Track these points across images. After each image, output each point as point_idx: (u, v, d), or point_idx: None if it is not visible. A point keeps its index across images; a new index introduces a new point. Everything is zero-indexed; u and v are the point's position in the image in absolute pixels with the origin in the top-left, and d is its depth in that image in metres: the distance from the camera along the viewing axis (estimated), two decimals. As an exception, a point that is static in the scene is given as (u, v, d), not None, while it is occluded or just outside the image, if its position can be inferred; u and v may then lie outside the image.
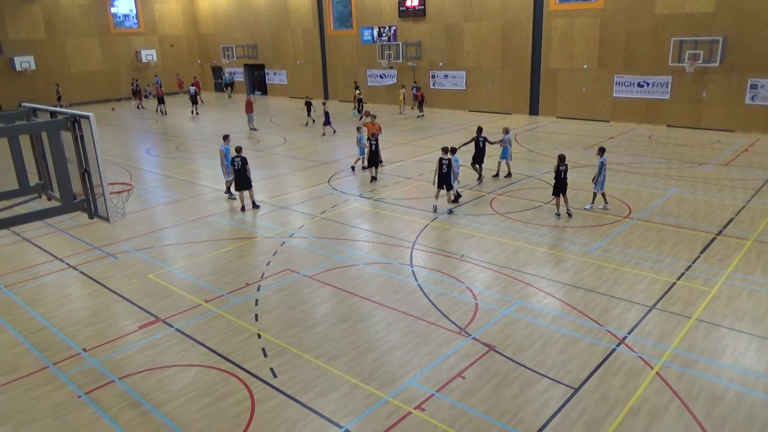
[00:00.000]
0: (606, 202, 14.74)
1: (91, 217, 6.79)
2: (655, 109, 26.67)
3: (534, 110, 30.72)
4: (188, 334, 9.34)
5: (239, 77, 46.62)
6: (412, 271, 11.46)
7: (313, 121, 30.01)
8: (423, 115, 31.51)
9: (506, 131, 17.41)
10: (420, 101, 31.89)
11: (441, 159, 14.53)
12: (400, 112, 32.99)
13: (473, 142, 17.44)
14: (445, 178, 14.54)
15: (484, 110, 32.48)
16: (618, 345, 8.60)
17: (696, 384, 7.62)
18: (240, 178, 15.36)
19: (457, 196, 15.83)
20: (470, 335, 8.97)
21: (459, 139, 24.83)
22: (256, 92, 45.94)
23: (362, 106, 32.27)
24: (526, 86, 30.57)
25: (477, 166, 17.55)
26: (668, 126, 26.31)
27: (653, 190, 16.45)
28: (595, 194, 14.57)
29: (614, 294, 10.20)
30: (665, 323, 9.18)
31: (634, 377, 7.80)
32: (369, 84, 37.45)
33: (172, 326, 9.62)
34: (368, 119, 21.03)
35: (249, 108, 28.90)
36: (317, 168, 20.49)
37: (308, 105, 30.48)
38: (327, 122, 27.14)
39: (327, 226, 14.29)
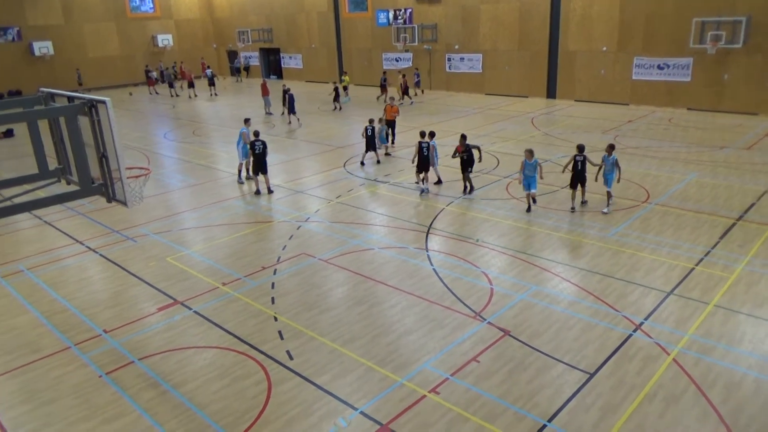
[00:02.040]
0: (610, 202, 13.50)
1: (109, 201, 6.87)
2: (675, 92, 26.18)
3: (551, 93, 30.32)
4: (206, 317, 9.46)
5: (254, 61, 46.60)
6: (428, 256, 11.46)
7: (272, 114, 28.57)
8: (413, 102, 30.52)
9: (531, 153, 13.36)
10: (405, 89, 30.46)
11: (420, 143, 14.92)
12: (406, 101, 30.59)
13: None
14: (425, 160, 14.98)
15: (500, 93, 32.14)
16: (634, 330, 8.54)
17: (713, 370, 7.56)
18: (259, 161, 15.43)
19: (438, 180, 15.89)
20: (485, 320, 8.98)
21: (476, 123, 24.71)
22: (271, 76, 45.93)
23: (338, 95, 29.52)
24: (544, 69, 30.15)
25: (464, 174, 15.05)
26: (688, 109, 25.83)
27: (672, 174, 16.21)
28: (609, 194, 13.36)
29: (631, 279, 10.12)
30: (683, 309, 9.09)
31: (650, 363, 7.76)
32: (384, 67, 37.18)
33: (190, 308, 9.75)
34: (388, 102, 21.20)
35: (265, 91, 28.89)
36: (333, 152, 20.48)
37: (284, 95, 27.02)
38: (292, 110, 26.01)
39: (342, 210, 14.32)
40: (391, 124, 20.59)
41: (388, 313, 9.35)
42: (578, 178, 13.33)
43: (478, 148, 14.87)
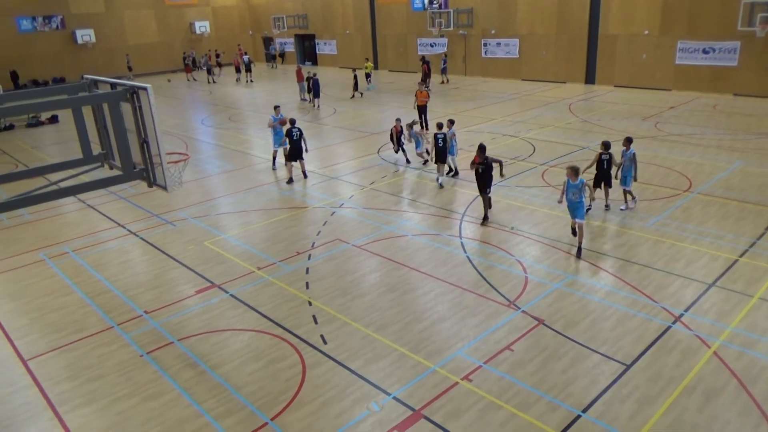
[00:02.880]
0: (634, 198, 12.71)
1: (150, 185, 7.03)
2: (721, 77, 25.25)
3: (590, 79, 29.62)
4: (242, 300, 9.65)
5: (290, 48, 46.81)
6: (461, 243, 11.40)
7: (307, 100, 28.27)
8: (429, 89, 30.21)
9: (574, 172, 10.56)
10: (427, 74, 30.14)
11: (436, 134, 14.62)
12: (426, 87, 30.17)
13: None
14: (441, 152, 14.66)
15: (537, 79, 31.57)
16: (674, 322, 8.36)
17: (756, 365, 7.34)
18: (296, 148, 15.55)
19: (455, 171, 15.42)
20: (519, 308, 8.91)
21: (511, 109, 24.36)
22: (306, 62, 46.09)
23: (356, 83, 29.44)
24: (583, 54, 29.45)
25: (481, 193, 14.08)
26: (735, 95, 24.90)
27: (716, 162, 15.69)
28: (628, 191, 12.50)
29: (671, 270, 9.87)
30: (725, 301, 8.84)
31: (689, 356, 7.59)
32: (420, 53, 36.87)
33: (227, 292, 9.96)
34: (419, 87, 21.06)
35: (300, 77, 29.04)
36: (367, 138, 20.49)
37: (309, 81, 27.49)
38: (317, 94, 26.77)
39: (376, 196, 14.35)
40: (422, 109, 20.50)
41: (421, 300, 9.37)
42: (603, 177, 12.20)
43: (501, 163, 12.36)
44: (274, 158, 17.30)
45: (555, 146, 17.91)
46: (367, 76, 31.31)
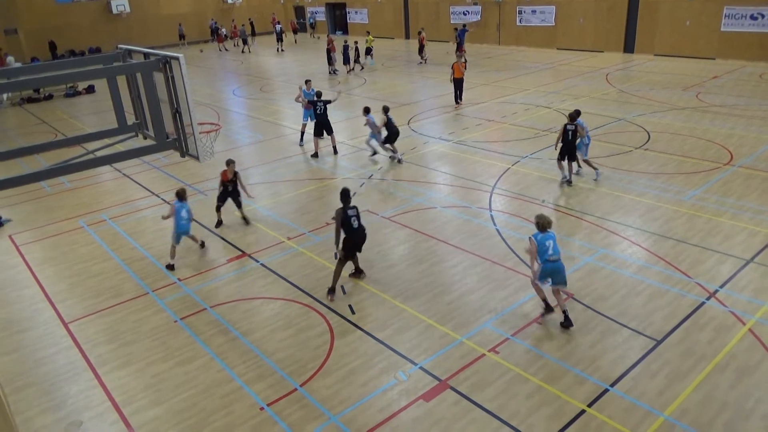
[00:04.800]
0: (580, 167, 12.87)
1: (182, 155, 7.11)
2: (769, 45, 24.11)
3: (629, 48, 28.61)
4: (272, 269, 9.80)
5: (321, 17, 46.36)
6: (491, 216, 11.31)
7: (337, 72, 28.16)
8: (424, 62, 29.48)
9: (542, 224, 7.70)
10: (421, 47, 29.43)
11: (389, 117, 14.50)
12: (421, 62, 29.80)
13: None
14: (396, 133, 14.58)
15: (573, 48, 30.64)
16: (708, 298, 8.18)
17: (793, 343, 7.17)
18: (321, 123, 15.46)
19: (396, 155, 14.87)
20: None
21: (546, 79, 23.75)
22: (337, 32, 45.64)
23: (358, 55, 28.64)
24: (622, 21, 28.41)
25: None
26: (784, 64, 23.78)
27: (760, 134, 15.08)
28: (587, 161, 12.59)
29: (707, 245, 9.63)
30: (763, 278, 8.60)
31: (723, 332, 7.44)
32: (452, 22, 36.12)
33: (258, 261, 10.12)
34: (456, 60, 20.61)
35: (331, 48, 28.76)
36: (397, 109, 20.28)
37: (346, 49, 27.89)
38: (356, 59, 28.20)
39: (406, 168, 14.27)
40: (458, 83, 20.13)
41: (449, 272, 9.37)
42: (568, 149, 12.08)
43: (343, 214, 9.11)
44: (303, 132, 17.18)
45: (589, 118, 17.44)
46: (368, 50, 29.94)
